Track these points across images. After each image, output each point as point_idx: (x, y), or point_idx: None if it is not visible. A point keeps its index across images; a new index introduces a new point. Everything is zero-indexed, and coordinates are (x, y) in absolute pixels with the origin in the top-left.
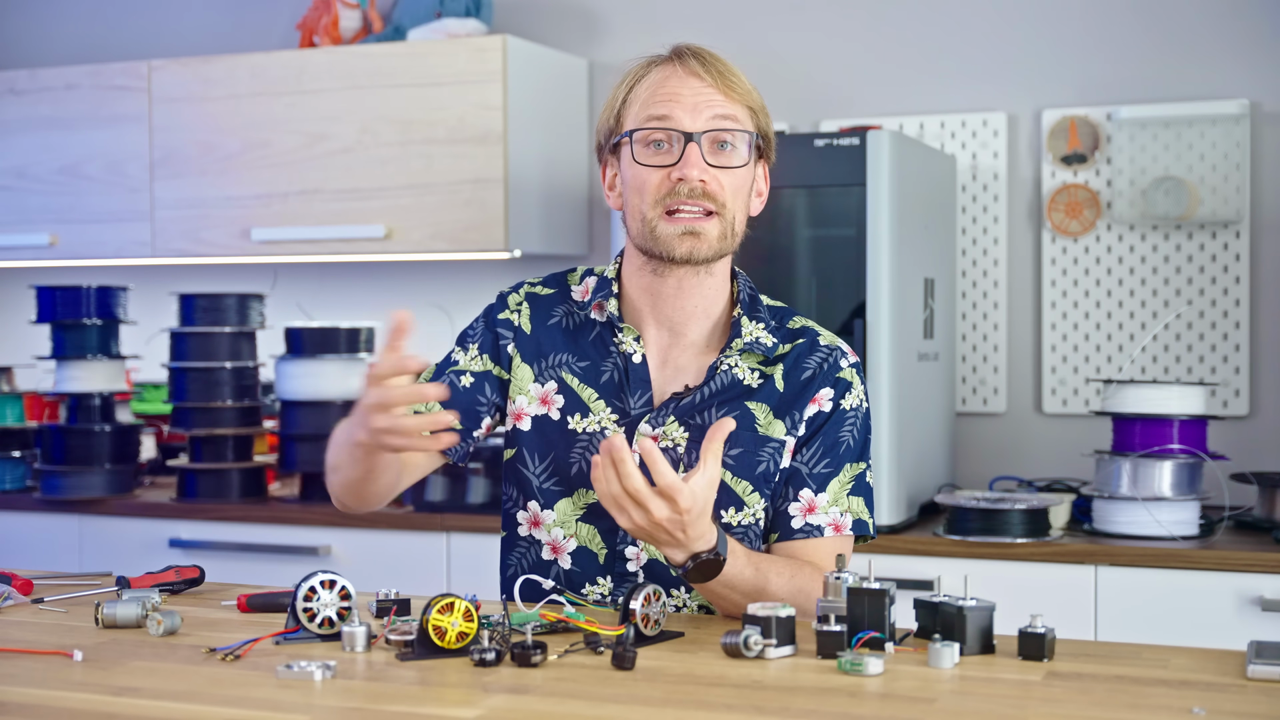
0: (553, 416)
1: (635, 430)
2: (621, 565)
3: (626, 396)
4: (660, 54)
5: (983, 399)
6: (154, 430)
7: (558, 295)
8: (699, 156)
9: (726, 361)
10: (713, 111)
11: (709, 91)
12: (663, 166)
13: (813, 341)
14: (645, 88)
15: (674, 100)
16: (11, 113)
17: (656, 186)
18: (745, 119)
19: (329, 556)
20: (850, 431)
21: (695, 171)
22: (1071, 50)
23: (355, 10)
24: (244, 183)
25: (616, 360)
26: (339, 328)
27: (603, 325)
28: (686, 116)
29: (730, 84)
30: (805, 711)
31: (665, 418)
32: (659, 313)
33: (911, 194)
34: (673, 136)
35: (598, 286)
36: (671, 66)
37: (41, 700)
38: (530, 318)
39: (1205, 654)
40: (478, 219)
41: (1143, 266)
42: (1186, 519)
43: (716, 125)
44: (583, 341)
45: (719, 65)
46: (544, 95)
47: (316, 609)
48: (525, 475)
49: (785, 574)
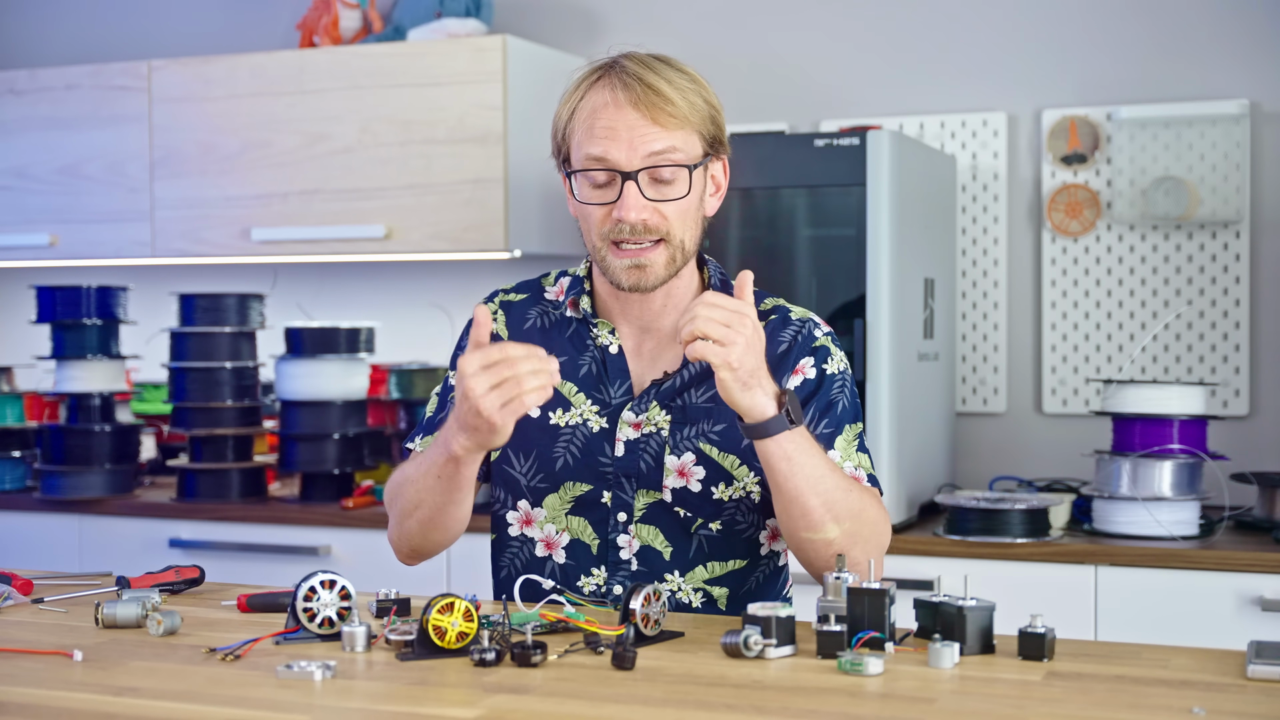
0: (533, 415)
1: (619, 419)
2: (615, 554)
3: (606, 387)
4: (602, 62)
5: (983, 399)
6: (154, 430)
7: (530, 299)
8: (637, 195)
9: None
10: (648, 148)
11: (644, 125)
12: (605, 204)
13: (784, 316)
14: (584, 115)
15: (610, 137)
16: (11, 113)
17: (600, 222)
18: (686, 143)
19: (329, 556)
20: (841, 394)
21: (633, 214)
22: (1071, 50)
23: (355, 10)
24: (244, 183)
25: (594, 353)
26: (339, 328)
27: (578, 322)
28: (623, 154)
29: (668, 111)
30: (805, 711)
31: (647, 404)
32: (628, 315)
33: (911, 194)
34: (612, 174)
35: (571, 285)
36: (610, 92)
37: (41, 700)
38: (506, 324)
39: (1205, 654)
40: (478, 219)
41: (1143, 266)
42: (1186, 519)
43: (652, 162)
44: (559, 338)
45: (654, 91)
46: (544, 95)
47: (316, 609)
48: (512, 475)
49: (846, 483)
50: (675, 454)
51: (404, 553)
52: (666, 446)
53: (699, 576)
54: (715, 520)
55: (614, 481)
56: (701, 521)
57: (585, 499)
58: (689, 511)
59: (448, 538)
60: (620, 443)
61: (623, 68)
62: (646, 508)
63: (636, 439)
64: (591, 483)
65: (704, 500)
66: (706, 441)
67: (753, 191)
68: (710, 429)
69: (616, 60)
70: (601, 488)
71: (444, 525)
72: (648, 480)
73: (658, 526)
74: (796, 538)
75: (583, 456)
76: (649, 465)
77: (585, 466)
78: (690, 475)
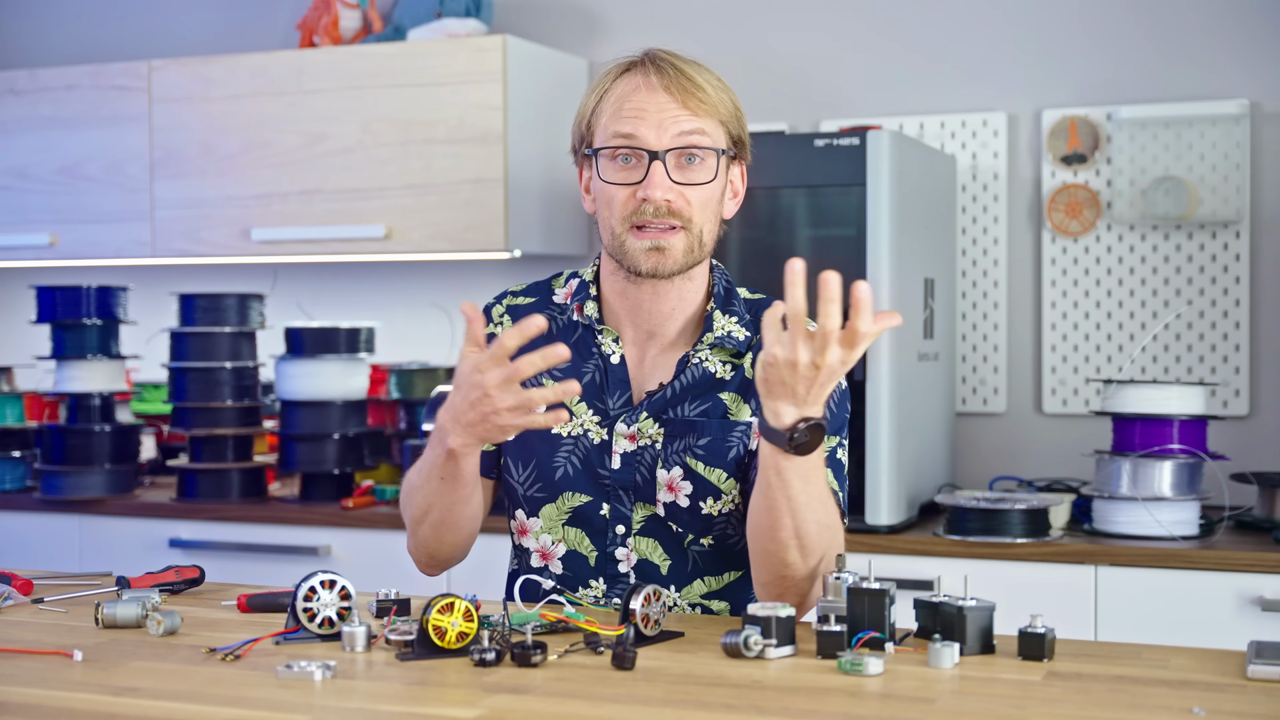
0: None
1: (614, 429)
2: (613, 567)
3: (606, 397)
4: (632, 57)
5: (983, 399)
6: (154, 430)
7: (539, 303)
8: (664, 175)
9: (697, 356)
10: (678, 128)
11: (674, 107)
12: (629, 184)
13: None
14: (613, 99)
15: (639, 117)
16: (11, 113)
17: (624, 203)
18: (714, 131)
19: (329, 556)
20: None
21: (659, 193)
22: (1071, 50)
23: (355, 10)
24: (244, 183)
25: (597, 362)
26: (339, 328)
27: (584, 327)
28: (652, 134)
29: (698, 96)
30: (805, 711)
31: (638, 416)
32: (636, 317)
33: (911, 194)
34: (639, 154)
35: (578, 289)
36: (640, 77)
37: (41, 700)
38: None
39: (1205, 654)
40: (478, 219)
41: (1143, 266)
42: (1186, 519)
43: (682, 142)
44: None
45: (686, 76)
46: (544, 95)
47: (316, 609)
48: (511, 484)
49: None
50: (665, 468)
51: (423, 561)
52: (659, 460)
53: (696, 591)
54: (706, 535)
55: (612, 494)
56: (693, 537)
57: (583, 510)
58: (680, 527)
59: (462, 538)
60: (617, 455)
61: (655, 56)
62: (644, 521)
63: (633, 451)
64: (591, 494)
65: (693, 515)
66: (693, 456)
67: (753, 191)
68: (696, 443)
69: (648, 52)
70: (600, 500)
71: (456, 525)
72: (644, 493)
73: (656, 539)
74: (762, 545)
75: (583, 468)
76: (644, 478)
77: (585, 478)
78: (678, 490)
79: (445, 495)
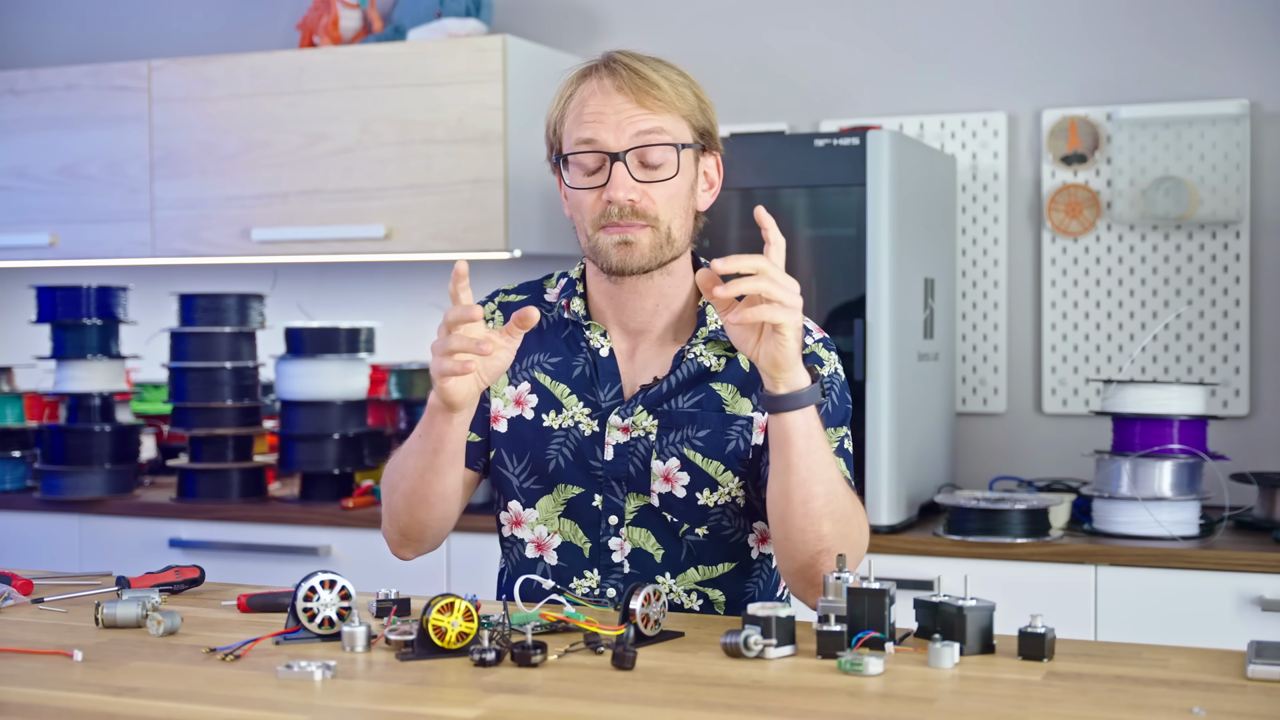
0: (526, 416)
1: (606, 422)
2: (606, 557)
3: (597, 390)
4: (591, 61)
5: (983, 399)
6: (154, 430)
7: (530, 300)
8: (625, 176)
9: (692, 350)
10: (635, 128)
11: (630, 107)
12: (595, 188)
13: None
14: (574, 105)
15: (598, 120)
16: (11, 113)
17: (591, 207)
18: (674, 127)
19: (329, 556)
20: (829, 395)
21: (622, 193)
22: (1071, 50)
23: (355, 10)
24: (244, 183)
25: (587, 355)
26: (339, 328)
27: (573, 324)
28: (610, 136)
29: (654, 94)
30: (805, 711)
31: (633, 409)
32: (621, 315)
33: (911, 194)
34: (601, 157)
35: (565, 287)
36: (595, 81)
37: (41, 700)
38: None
39: (1205, 654)
40: (478, 219)
41: (1143, 266)
42: (1186, 519)
43: (640, 141)
44: (554, 340)
45: (641, 76)
46: (544, 95)
47: (316, 609)
48: (505, 476)
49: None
50: (661, 459)
51: (394, 539)
52: (653, 451)
53: (691, 578)
54: (701, 525)
55: (605, 485)
56: (688, 527)
57: (577, 501)
58: (675, 517)
59: (433, 517)
60: (610, 446)
61: (611, 59)
62: (637, 511)
63: (625, 443)
64: (583, 485)
65: (689, 506)
66: (690, 447)
67: (752, 191)
68: (694, 435)
69: (605, 55)
70: (593, 490)
71: (427, 499)
72: (637, 484)
73: (649, 529)
74: (788, 529)
75: (575, 459)
76: (638, 469)
77: (577, 469)
78: (675, 481)
79: (422, 459)
